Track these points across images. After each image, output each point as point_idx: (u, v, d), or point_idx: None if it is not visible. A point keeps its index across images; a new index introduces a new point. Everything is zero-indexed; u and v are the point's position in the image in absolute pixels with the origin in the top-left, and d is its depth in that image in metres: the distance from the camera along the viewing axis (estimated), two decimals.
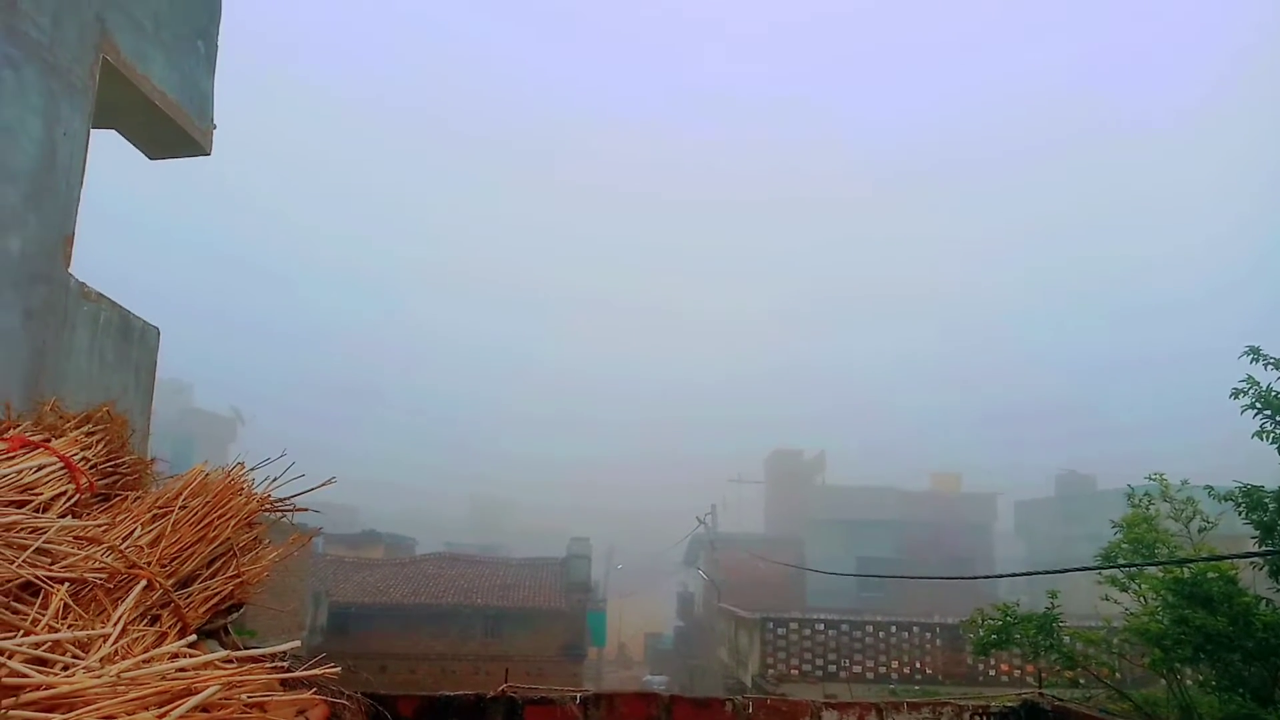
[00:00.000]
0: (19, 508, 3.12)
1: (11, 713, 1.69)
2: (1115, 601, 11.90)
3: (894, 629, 22.49)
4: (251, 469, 3.66)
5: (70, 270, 4.35)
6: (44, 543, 2.84)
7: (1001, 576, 12.24)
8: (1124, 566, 11.28)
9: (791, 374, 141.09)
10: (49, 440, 3.50)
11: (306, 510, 3.71)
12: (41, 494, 3.29)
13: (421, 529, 59.02)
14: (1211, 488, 10.72)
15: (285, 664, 2.60)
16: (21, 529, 2.89)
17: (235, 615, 3.59)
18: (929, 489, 51.86)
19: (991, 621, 12.07)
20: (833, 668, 22.04)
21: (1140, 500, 11.86)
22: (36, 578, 2.64)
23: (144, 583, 2.88)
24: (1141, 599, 11.47)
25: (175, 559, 3.23)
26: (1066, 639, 12.10)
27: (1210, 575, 9.94)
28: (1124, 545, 11.64)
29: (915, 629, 22.40)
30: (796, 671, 22.07)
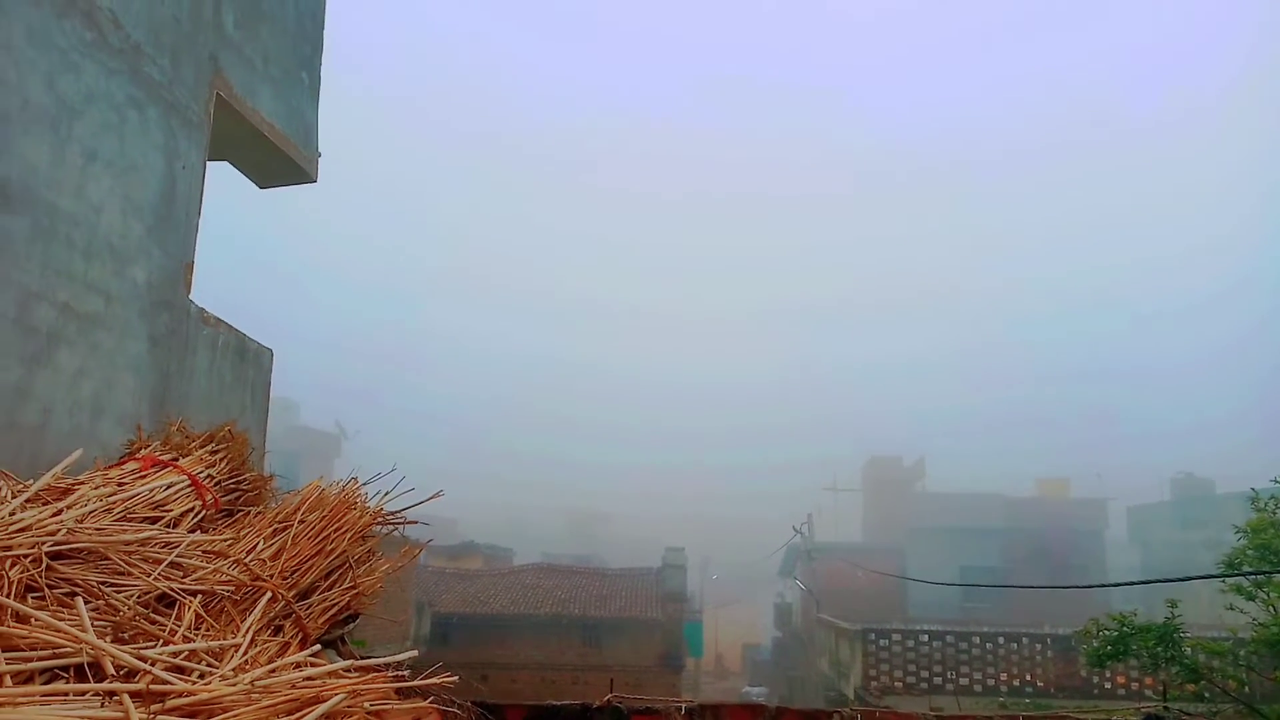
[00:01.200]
0: (152, 523, 3.30)
1: (158, 718, 1.79)
2: (1241, 611, 11.32)
3: (1001, 640, 21.81)
4: (363, 484, 3.79)
5: (190, 296, 4.59)
6: (176, 557, 3.00)
7: (1116, 585, 11.76)
8: (1251, 574, 10.71)
9: (868, 374, 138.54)
10: (177, 459, 3.69)
11: (416, 523, 3.82)
12: (172, 510, 3.47)
13: (518, 540, 59.89)
14: None
15: (404, 673, 2.67)
16: (156, 544, 3.05)
17: (351, 625, 3.72)
18: (1035, 494, 50.19)
19: (1107, 632, 11.65)
20: (938, 680, 21.49)
21: (1266, 504, 11.26)
22: (172, 590, 2.79)
23: (268, 594, 3.01)
24: (1270, 608, 10.88)
25: (295, 571, 3.37)
26: (1189, 650, 11.57)
27: None
28: (1249, 551, 11.06)
29: (1024, 640, 21.69)
30: (900, 684, 21.59)
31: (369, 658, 2.88)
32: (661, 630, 32.74)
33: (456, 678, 2.66)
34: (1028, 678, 21.21)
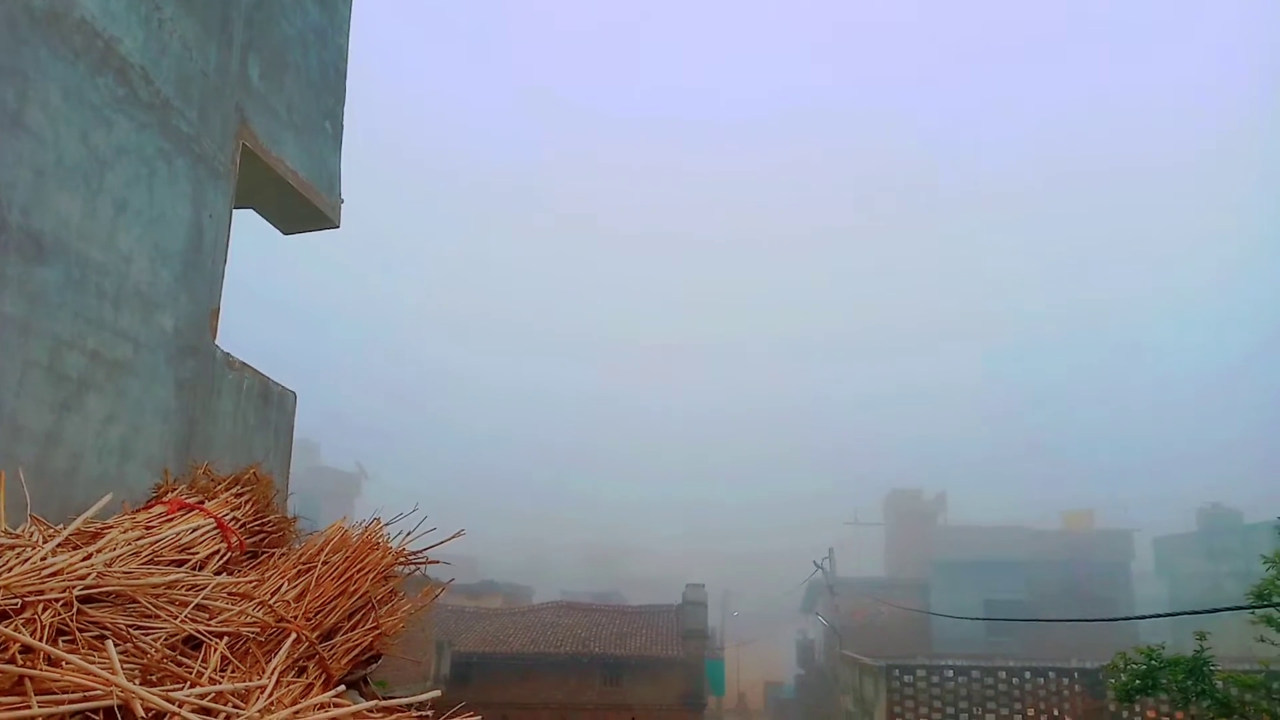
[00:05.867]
0: (179, 566, 3.35)
1: None
2: (1272, 643, 11.15)
3: (1028, 675, 21.52)
4: (386, 524, 3.84)
5: (216, 341, 4.68)
6: (203, 599, 3.05)
7: (1144, 618, 11.62)
8: None
9: (876, 404, 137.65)
10: (203, 502, 3.75)
11: (438, 563, 3.85)
12: (198, 553, 3.53)
13: (537, 577, 59.67)
14: None
15: (427, 714, 2.70)
16: (182, 586, 3.10)
17: (374, 666, 3.75)
18: (1060, 527, 49.62)
19: (1135, 666, 11.51)
20: (964, 716, 21.19)
21: None
22: (198, 632, 2.83)
23: (292, 636, 3.05)
24: None
25: (319, 612, 3.41)
26: (1219, 684, 11.38)
27: None
28: (1279, 582, 10.92)
29: (1051, 674, 21.39)
30: None
31: (391, 698, 2.91)
32: (682, 668, 32.43)
33: (479, 718, 2.68)
34: (1055, 713, 20.87)
